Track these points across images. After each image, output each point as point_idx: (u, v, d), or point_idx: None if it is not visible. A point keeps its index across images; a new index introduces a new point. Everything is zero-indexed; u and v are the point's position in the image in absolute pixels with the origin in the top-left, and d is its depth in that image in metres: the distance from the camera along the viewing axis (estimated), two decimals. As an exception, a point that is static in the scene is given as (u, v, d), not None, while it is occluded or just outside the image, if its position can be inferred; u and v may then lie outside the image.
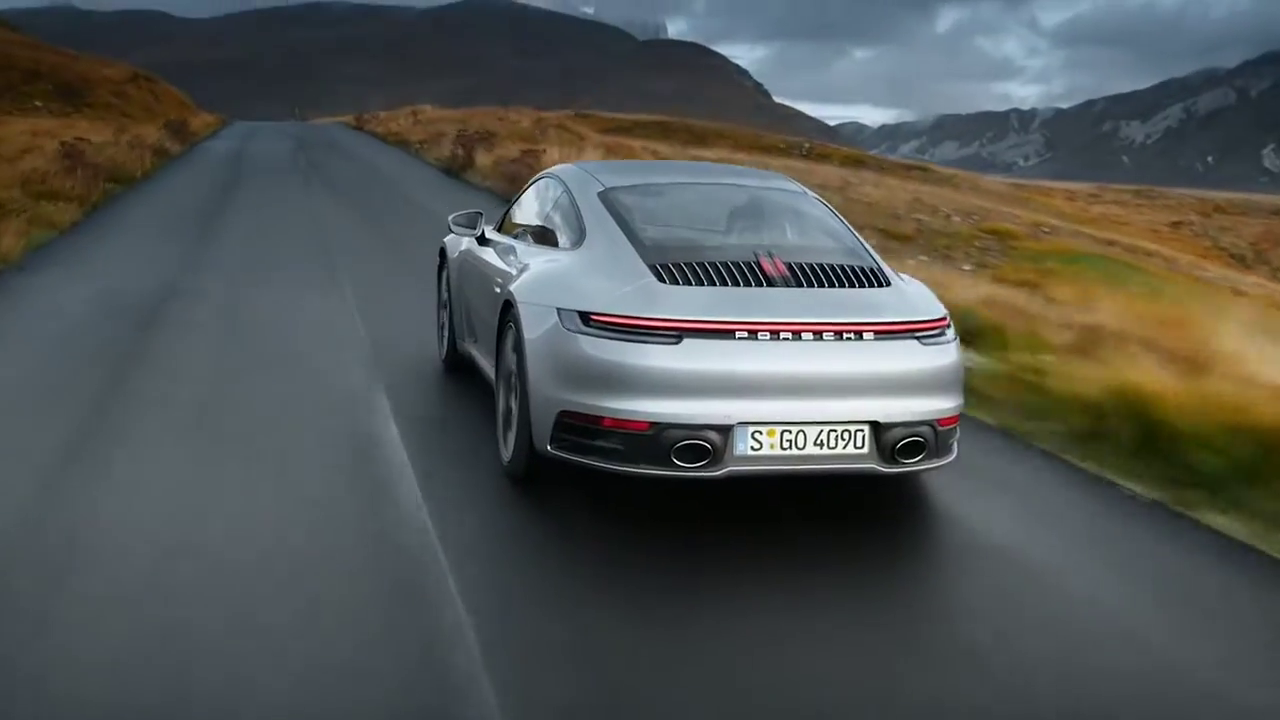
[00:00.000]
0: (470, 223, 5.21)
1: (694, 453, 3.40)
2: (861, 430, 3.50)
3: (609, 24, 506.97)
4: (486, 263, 4.85)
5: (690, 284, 3.61)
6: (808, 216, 4.51)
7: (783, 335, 3.46)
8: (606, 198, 4.22)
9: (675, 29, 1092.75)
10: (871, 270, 3.91)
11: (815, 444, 3.46)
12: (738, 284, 3.63)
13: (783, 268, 3.74)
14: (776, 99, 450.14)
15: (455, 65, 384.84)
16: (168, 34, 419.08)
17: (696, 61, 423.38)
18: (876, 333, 3.57)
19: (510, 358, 4.02)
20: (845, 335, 3.53)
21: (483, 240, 5.10)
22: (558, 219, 4.46)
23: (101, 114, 41.69)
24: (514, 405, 3.96)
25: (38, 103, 42.26)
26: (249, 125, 43.03)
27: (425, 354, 5.71)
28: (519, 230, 4.94)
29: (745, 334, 3.44)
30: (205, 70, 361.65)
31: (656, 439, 3.38)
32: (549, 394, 3.59)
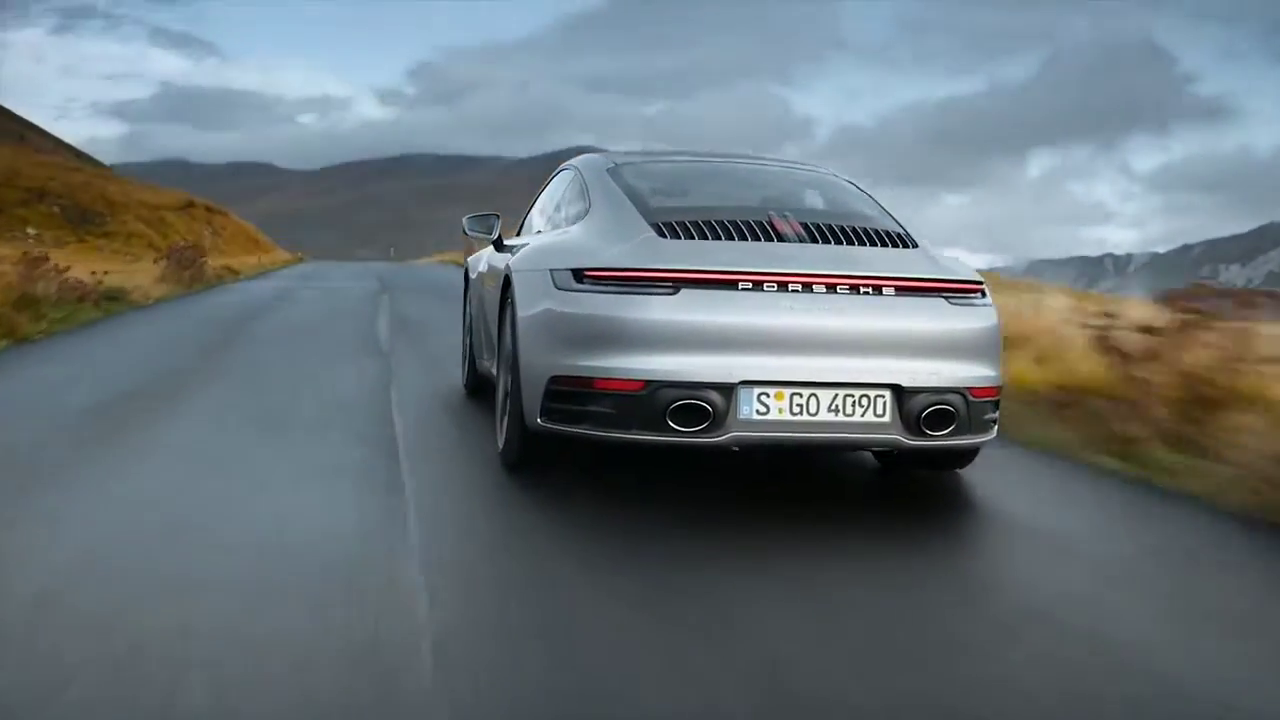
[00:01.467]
0: (486, 227, 4.99)
1: (692, 415, 3.19)
2: (882, 396, 3.27)
3: None
4: (499, 265, 4.60)
5: (694, 238, 3.44)
6: (831, 185, 4.30)
7: (791, 287, 3.26)
8: (616, 172, 4.10)
9: None
10: (898, 234, 3.65)
11: (830, 409, 3.23)
12: (744, 239, 3.44)
13: (797, 226, 3.52)
14: None
15: None
16: (274, 185, 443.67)
17: None
18: (898, 288, 3.35)
19: (507, 337, 3.85)
20: (863, 290, 3.31)
21: (500, 246, 4.92)
22: (567, 201, 4.35)
23: (120, 244, 35.29)
24: (509, 385, 3.78)
25: (31, 230, 32.62)
26: (332, 265, 36.87)
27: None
28: (537, 227, 4.85)
29: (749, 285, 3.25)
30: (308, 219, 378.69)
31: (651, 399, 3.19)
32: (540, 360, 3.43)
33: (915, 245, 3.60)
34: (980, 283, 3.54)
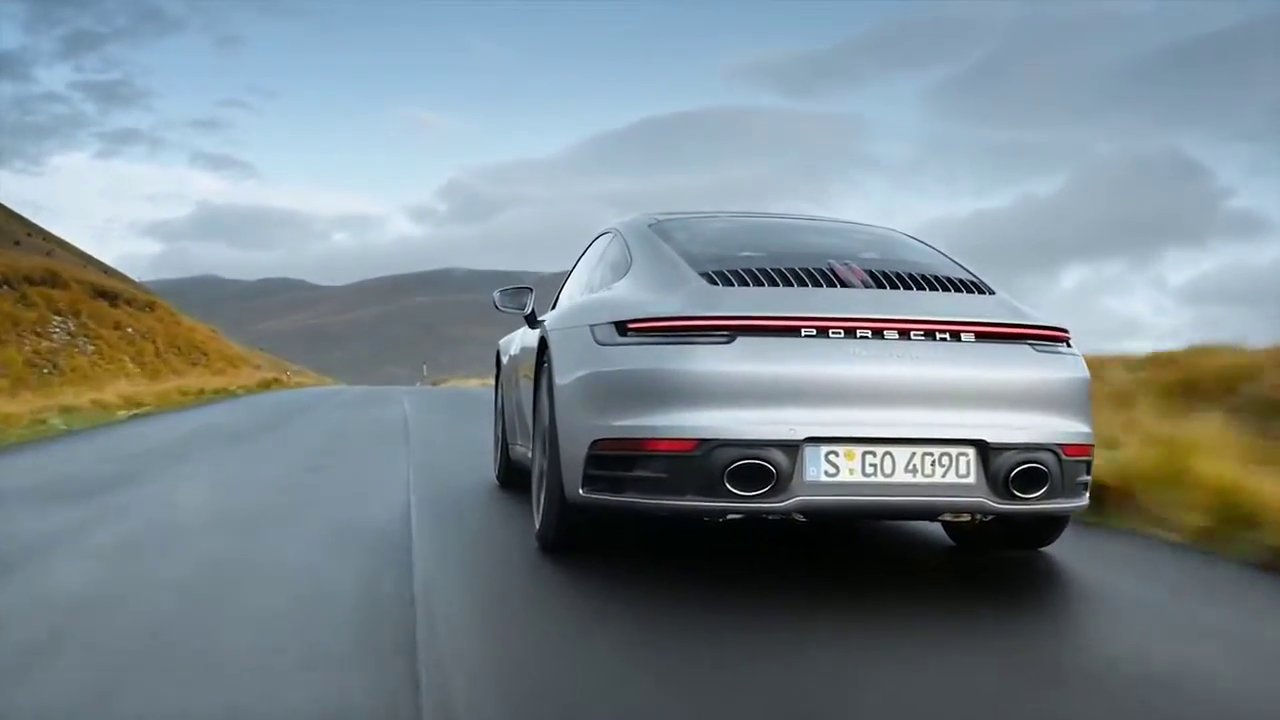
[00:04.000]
0: (519, 302, 4.88)
1: (753, 477, 2.97)
2: (965, 454, 3.05)
3: None
4: (533, 340, 4.47)
5: (748, 285, 3.23)
6: (894, 239, 4.05)
7: (860, 333, 3.06)
8: (659, 228, 3.94)
9: None
10: (971, 281, 3.45)
11: (907, 469, 3.02)
12: (804, 285, 3.22)
13: (862, 273, 3.31)
14: None
15: None
16: (306, 300, 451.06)
17: None
18: (978, 334, 3.15)
19: (544, 404, 3.65)
20: (939, 335, 3.11)
21: (533, 322, 4.77)
22: (609, 262, 4.16)
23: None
24: (547, 458, 3.55)
25: None
26: (342, 391, 26.77)
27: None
28: (576, 295, 4.61)
29: (813, 331, 3.06)
30: (338, 333, 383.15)
31: (705, 460, 2.97)
32: (580, 424, 3.21)
33: (992, 291, 3.41)
34: (1066, 331, 3.34)
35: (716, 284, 3.24)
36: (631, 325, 3.16)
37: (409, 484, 6.08)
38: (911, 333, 3.06)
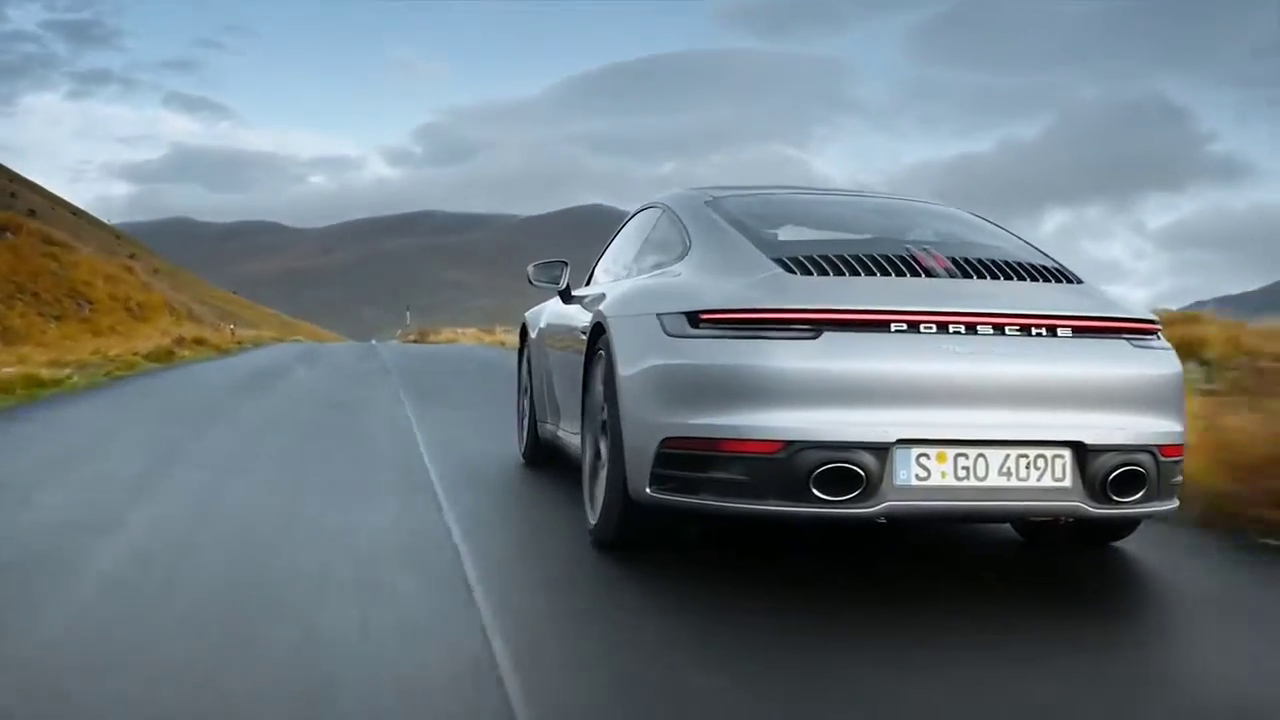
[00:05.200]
0: (553, 275, 4.70)
1: (841, 481, 2.78)
2: (1061, 456, 2.88)
3: None
4: (571, 316, 4.36)
5: (828, 274, 3.03)
6: (962, 219, 3.94)
7: (953, 329, 2.88)
8: (716, 205, 3.75)
9: None
10: (1056, 269, 3.30)
11: (1000, 472, 2.84)
12: (888, 275, 3.04)
13: (945, 261, 3.13)
14: None
15: None
16: (280, 244, 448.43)
17: None
18: (1075, 329, 2.99)
19: (598, 393, 3.47)
20: (1035, 330, 2.95)
21: (567, 297, 4.65)
22: (658, 241, 3.99)
23: None
24: (603, 451, 3.38)
25: None
26: (285, 367, 15.18)
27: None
28: (613, 274, 4.47)
29: (904, 326, 2.87)
30: (316, 277, 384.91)
31: (790, 463, 2.78)
32: (648, 420, 3.02)
33: (1079, 280, 3.23)
34: (1158, 323, 3.17)
35: (794, 272, 3.02)
36: (705, 316, 2.96)
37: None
38: (1006, 328, 2.90)
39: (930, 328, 2.85)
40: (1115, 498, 2.91)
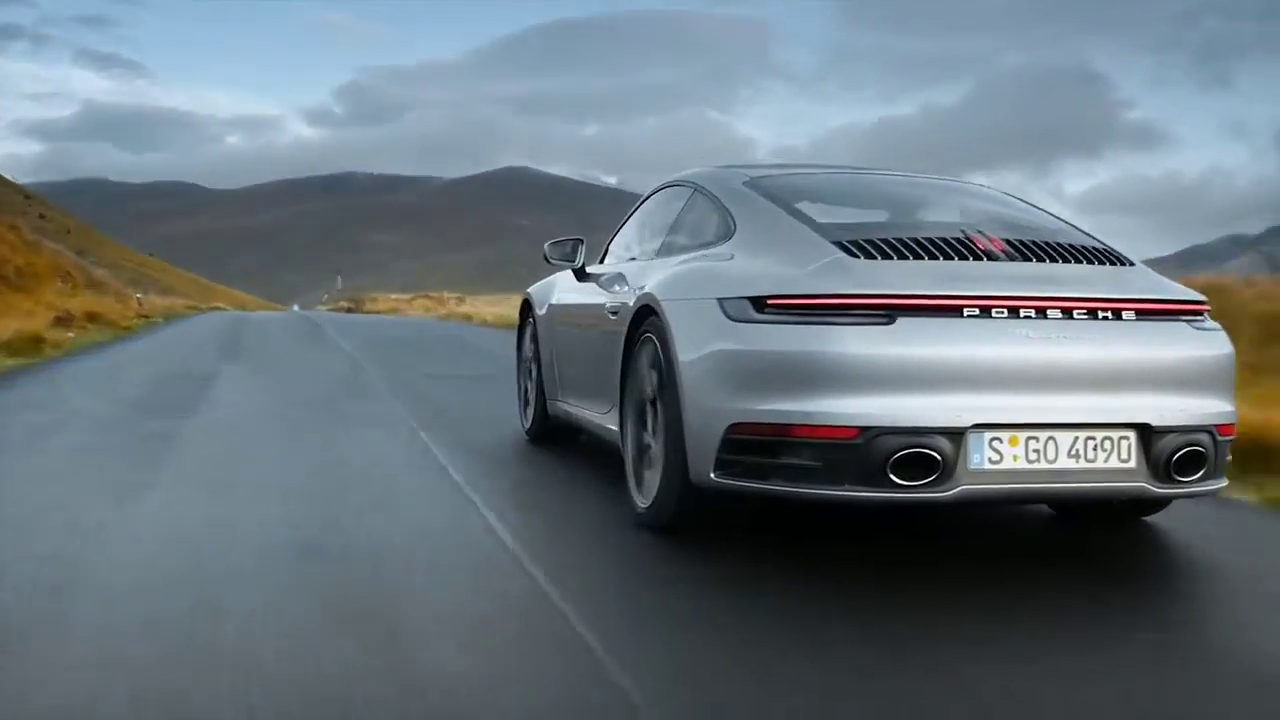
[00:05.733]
0: (569, 253, 4.81)
1: (917, 466, 2.86)
2: (1127, 437, 3.01)
3: (633, 193, 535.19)
4: (593, 294, 4.44)
5: (892, 259, 3.09)
6: (1003, 201, 4.05)
7: (1024, 313, 2.98)
8: (756, 185, 3.82)
9: None
10: (1104, 250, 3.39)
11: (1070, 455, 2.96)
12: (950, 258, 3.11)
13: (1000, 244, 3.23)
14: None
15: (483, 234, 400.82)
16: (199, 205, 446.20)
17: None
18: (1139, 311, 3.12)
19: (646, 378, 3.52)
20: (1101, 314, 3.06)
21: (582, 275, 4.77)
22: (691, 221, 4.06)
23: None
24: (652, 438, 3.46)
25: None
26: (194, 335, 15.72)
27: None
28: (633, 253, 4.58)
29: (976, 311, 2.95)
30: (236, 240, 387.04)
31: (868, 449, 2.85)
32: (712, 406, 3.08)
33: (1131, 262, 3.37)
34: (1207, 303, 3.33)
35: (856, 256, 3.07)
36: (771, 301, 3.00)
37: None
38: (1074, 311, 2.99)
39: (1002, 312, 2.94)
40: (1178, 477, 3.06)
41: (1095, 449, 3.01)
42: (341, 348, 12.83)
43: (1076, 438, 3.00)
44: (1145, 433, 3.05)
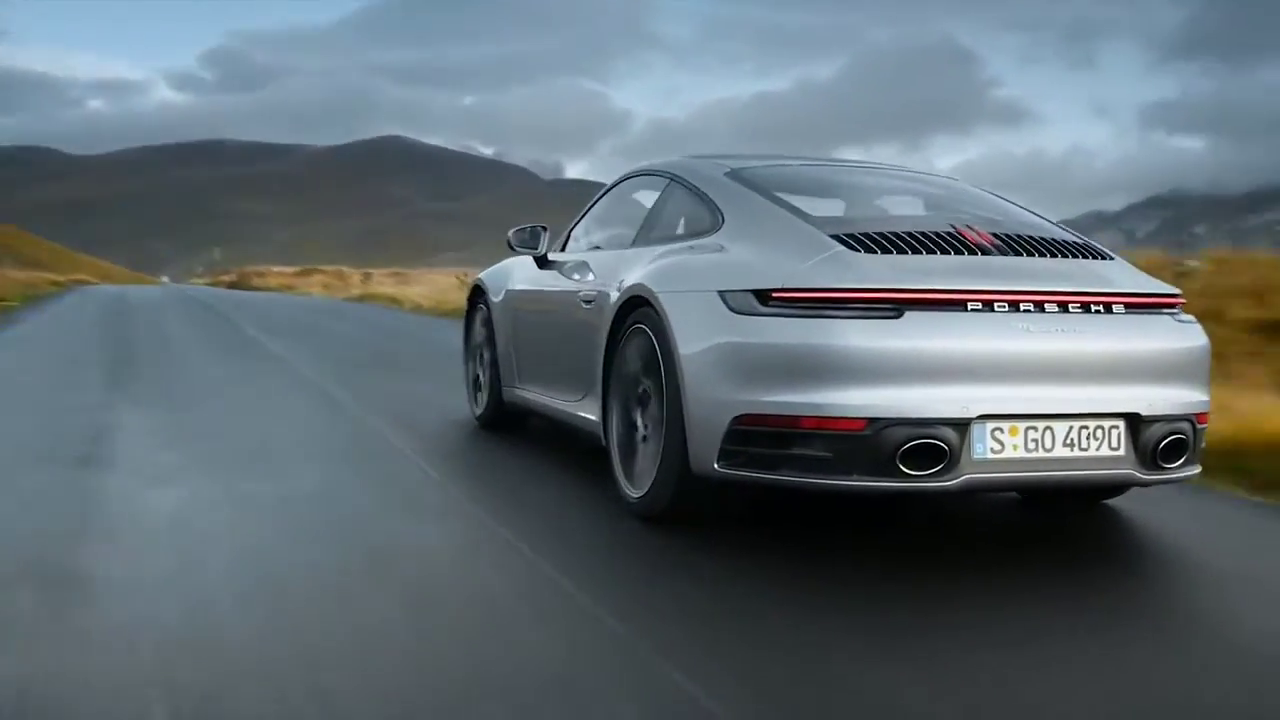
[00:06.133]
0: (532, 240, 4.77)
1: (925, 456, 2.94)
2: (1117, 426, 3.13)
3: (513, 164, 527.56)
4: (559, 283, 4.46)
5: (890, 253, 3.17)
6: (973, 193, 4.17)
7: (1024, 307, 3.09)
8: (738, 176, 3.85)
9: (575, 170, 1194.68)
10: (1083, 244, 3.53)
11: (1065, 444, 3.08)
12: (945, 252, 3.20)
13: (989, 237, 3.34)
14: None
15: (360, 204, 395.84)
16: (59, 171, 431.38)
17: None
18: (1128, 305, 3.25)
19: (634, 368, 3.56)
20: (1094, 307, 3.18)
21: (543, 263, 4.75)
22: (670, 212, 4.08)
23: None
24: (645, 425, 3.50)
25: None
26: (56, 340, 10.45)
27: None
28: (602, 240, 4.59)
29: (979, 305, 3.04)
30: (99, 208, 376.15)
31: (876, 440, 2.92)
32: (716, 398, 3.12)
33: (1111, 257, 3.50)
34: (1183, 297, 3.47)
35: (858, 250, 3.14)
36: (777, 294, 3.04)
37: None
38: (1070, 305, 3.11)
39: (1003, 306, 3.03)
40: (1162, 464, 3.18)
41: (1089, 438, 3.10)
42: (282, 359, 8.53)
43: (1071, 427, 3.08)
44: (1134, 422, 3.14)
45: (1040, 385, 3.07)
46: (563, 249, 4.86)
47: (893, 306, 3.00)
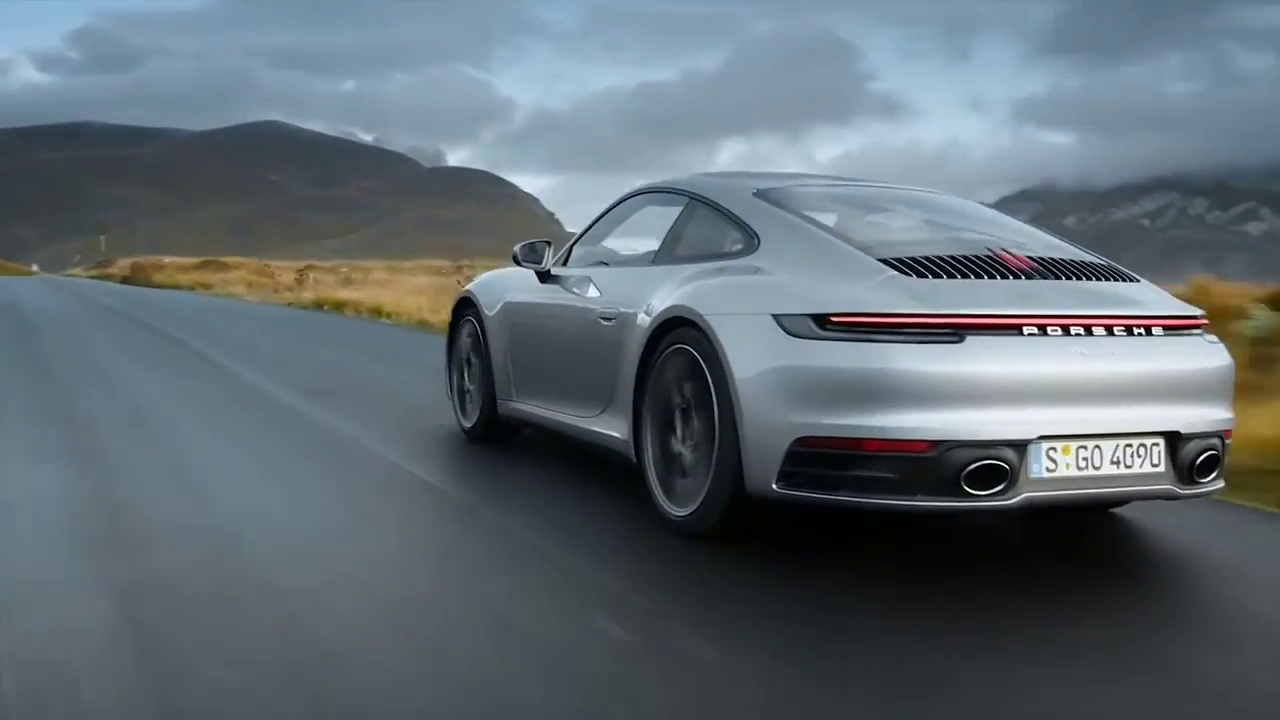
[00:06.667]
0: (537, 254, 4.82)
1: (987, 476, 3.06)
2: (1158, 444, 3.30)
3: (393, 150, 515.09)
4: (567, 298, 4.54)
5: (943, 277, 3.28)
6: (990, 214, 4.32)
7: (1074, 330, 3.23)
8: (768, 197, 3.94)
9: (457, 158, 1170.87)
10: (1108, 266, 3.68)
11: (1112, 461, 3.23)
12: (993, 277, 3.34)
13: (1026, 260, 3.47)
14: (568, 228, 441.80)
15: (235, 190, 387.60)
16: None
17: (487, 189, 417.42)
18: (1165, 327, 3.41)
19: (674, 388, 3.62)
20: (1136, 330, 3.34)
21: (546, 277, 4.79)
22: (695, 231, 4.16)
23: None
24: (683, 446, 3.59)
25: None
26: None
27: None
28: (611, 257, 4.71)
29: (1035, 329, 3.19)
30: None
31: (941, 461, 3.04)
32: (775, 420, 3.20)
33: (1138, 279, 3.66)
34: (1206, 317, 3.63)
35: (909, 274, 3.25)
36: (837, 319, 3.14)
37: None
38: (1115, 328, 3.27)
39: (1056, 330, 3.18)
40: (1197, 479, 3.36)
41: (1133, 455, 3.24)
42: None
43: (1118, 445, 3.21)
44: (1174, 439, 3.30)
45: (1091, 406, 3.19)
46: (565, 264, 4.83)
47: (953, 331, 3.10)
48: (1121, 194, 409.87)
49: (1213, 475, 3.44)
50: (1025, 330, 3.18)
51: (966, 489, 3.04)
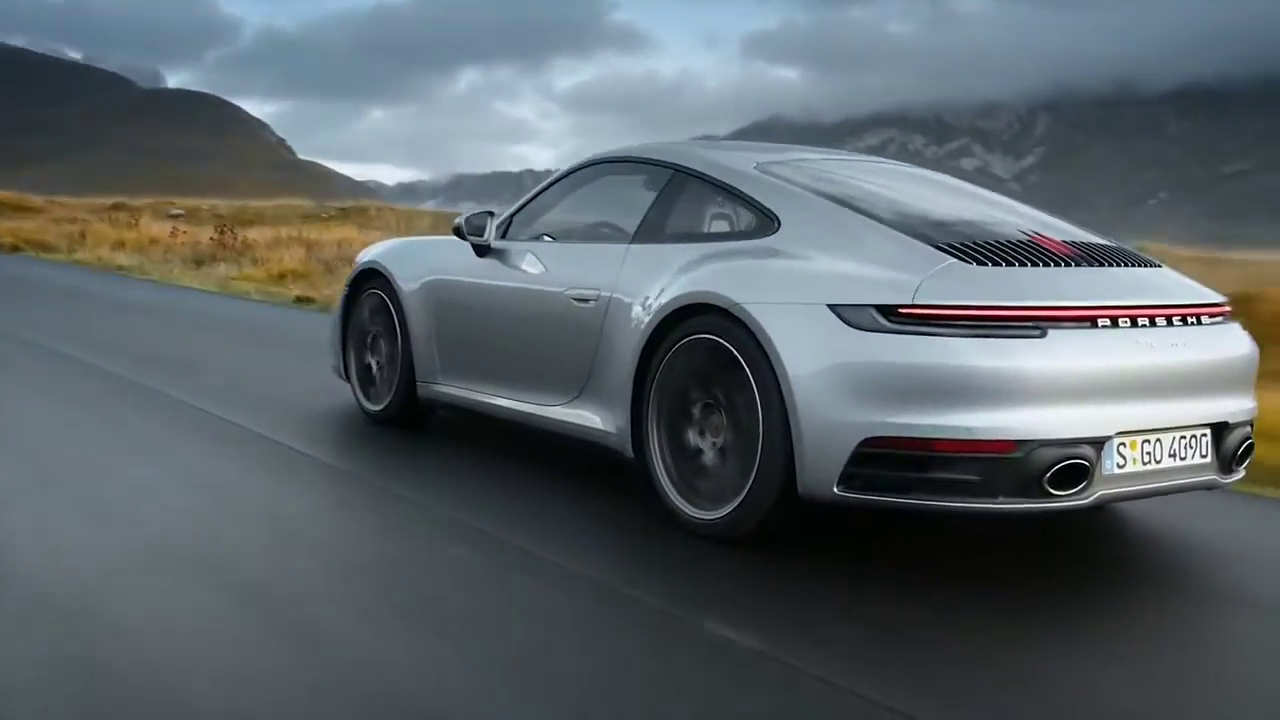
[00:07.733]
0: (480, 227, 4.44)
1: (1070, 476, 2.94)
2: (1205, 435, 3.25)
3: (104, 69, 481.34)
4: (520, 277, 4.24)
5: (1002, 265, 3.11)
6: (973, 191, 4.19)
7: (1140, 321, 3.13)
8: (773, 172, 3.73)
9: (177, 80, 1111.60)
10: (1128, 251, 3.60)
11: (1169, 454, 3.17)
12: (1046, 265, 3.19)
13: (1065, 246, 3.35)
14: (301, 155, 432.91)
15: None
16: None
17: (211, 113, 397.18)
18: (1209, 316, 3.34)
19: (693, 381, 3.40)
20: (1190, 320, 3.27)
21: (484, 251, 4.44)
22: (687, 207, 3.89)
23: None
24: (712, 443, 3.36)
25: None
26: None
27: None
28: (564, 232, 4.41)
29: (1108, 321, 3.07)
30: None
31: (1025, 462, 2.89)
32: (839, 419, 3.00)
33: (1159, 264, 3.58)
34: (1228, 304, 3.54)
35: (969, 262, 3.07)
36: (905, 310, 2.94)
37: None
38: (1172, 318, 3.18)
39: (1125, 321, 3.07)
40: (1237, 468, 3.35)
41: (1186, 447, 3.19)
42: None
43: (1174, 438, 3.16)
44: (1218, 430, 3.26)
45: (1157, 400, 3.12)
46: (504, 236, 4.47)
47: (1035, 325, 2.95)
48: (845, 129, 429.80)
49: (1247, 462, 3.45)
50: (1099, 323, 3.06)
51: (1049, 489, 2.92)
